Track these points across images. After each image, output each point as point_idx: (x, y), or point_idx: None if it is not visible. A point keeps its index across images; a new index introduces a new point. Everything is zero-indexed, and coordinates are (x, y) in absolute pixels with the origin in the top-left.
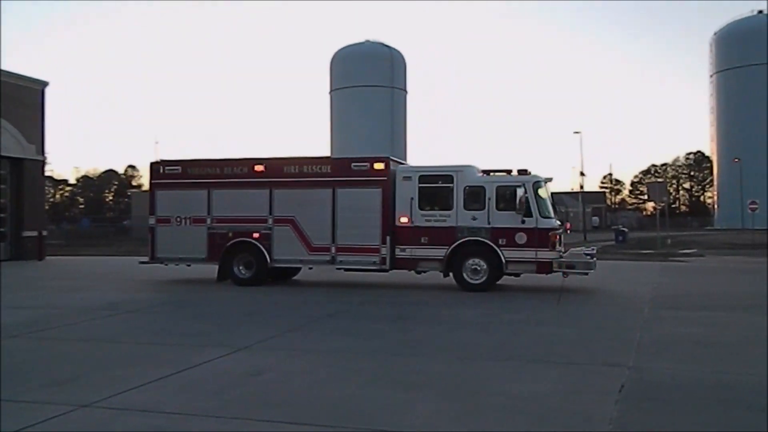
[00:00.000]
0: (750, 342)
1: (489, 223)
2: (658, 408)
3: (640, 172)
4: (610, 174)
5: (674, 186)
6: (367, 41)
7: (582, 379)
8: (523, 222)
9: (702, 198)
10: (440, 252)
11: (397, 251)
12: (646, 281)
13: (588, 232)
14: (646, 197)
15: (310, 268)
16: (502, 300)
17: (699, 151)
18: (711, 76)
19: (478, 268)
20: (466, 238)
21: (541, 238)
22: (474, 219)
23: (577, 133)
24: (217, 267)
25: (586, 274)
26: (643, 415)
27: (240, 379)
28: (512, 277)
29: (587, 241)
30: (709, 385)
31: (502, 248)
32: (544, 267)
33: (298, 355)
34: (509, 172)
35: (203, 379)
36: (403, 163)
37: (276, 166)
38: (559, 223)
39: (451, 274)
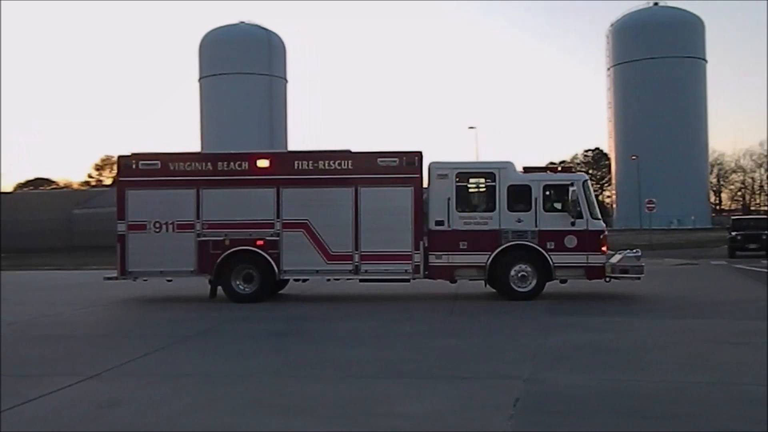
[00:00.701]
0: (647, 347)
1: (536, 226)
2: (554, 421)
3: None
4: None
5: None
6: (242, 23)
7: (477, 393)
8: (572, 224)
9: (601, 197)
10: (481, 258)
11: (432, 258)
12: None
13: None
14: None
15: (328, 280)
16: (397, 311)
17: (597, 148)
18: (608, 69)
19: (526, 275)
20: (511, 243)
21: (592, 240)
22: (519, 221)
23: (472, 128)
24: (206, 281)
25: (639, 278)
26: (539, 429)
27: (90, 413)
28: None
29: None
30: (606, 394)
31: (550, 252)
32: (596, 272)
33: (159, 381)
34: (553, 169)
35: (44, 414)
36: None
37: (284, 161)
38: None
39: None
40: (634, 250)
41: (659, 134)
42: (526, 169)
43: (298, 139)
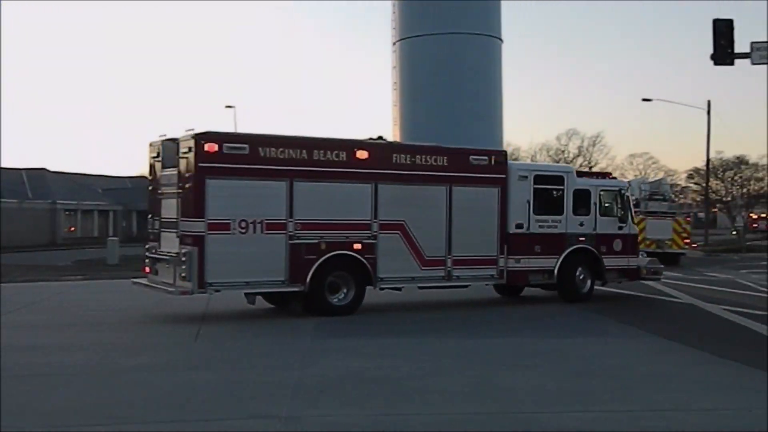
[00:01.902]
0: (428, 374)
1: (595, 230)
2: None
3: None
4: None
5: None
6: None
7: None
8: (620, 228)
9: None
10: (551, 262)
11: (510, 262)
12: None
13: None
14: None
15: (420, 288)
16: (119, 337)
17: (380, 137)
18: (394, 44)
19: (585, 277)
20: (575, 246)
21: (632, 244)
22: (581, 225)
23: (229, 107)
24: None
25: (659, 280)
26: None
27: None
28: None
29: None
30: None
31: (603, 256)
32: (634, 274)
33: None
34: (595, 174)
35: None
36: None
37: (383, 154)
38: None
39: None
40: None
41: (451, 122)
42: (578, 174)
43: None
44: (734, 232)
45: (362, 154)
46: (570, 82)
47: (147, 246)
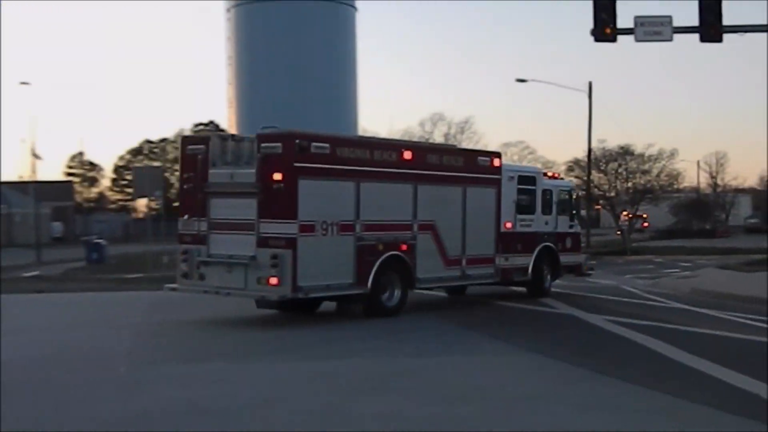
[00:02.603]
0: (272, 403)
1: (555, 228)
2: None
3: (129, 152)
4: (81, 154)
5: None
6: None
7: None
8: (571, 227)
9: None
10: (527, 260)
11: (500, 260)
12: (125, 323)
13: (44, 247)
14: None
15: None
16: None
17: (212, 122)
18: (228, 10)
19: (547, 273)
20: (543, 244)
21: (579, 241)
22: (546, 224)
23: (25, 84)
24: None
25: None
26: None
27: None
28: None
29: (42, 263)
30: None
31: (559, 253)
32: (579, 270)
33: None
34: (550, 175)
35: None
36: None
37: (421, 154)
38: None
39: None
40: None
41: (296, 104)
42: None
43: None
44: (618, 232)
45: (407, 155)
46: (435, 60)
47: (184, 249)
